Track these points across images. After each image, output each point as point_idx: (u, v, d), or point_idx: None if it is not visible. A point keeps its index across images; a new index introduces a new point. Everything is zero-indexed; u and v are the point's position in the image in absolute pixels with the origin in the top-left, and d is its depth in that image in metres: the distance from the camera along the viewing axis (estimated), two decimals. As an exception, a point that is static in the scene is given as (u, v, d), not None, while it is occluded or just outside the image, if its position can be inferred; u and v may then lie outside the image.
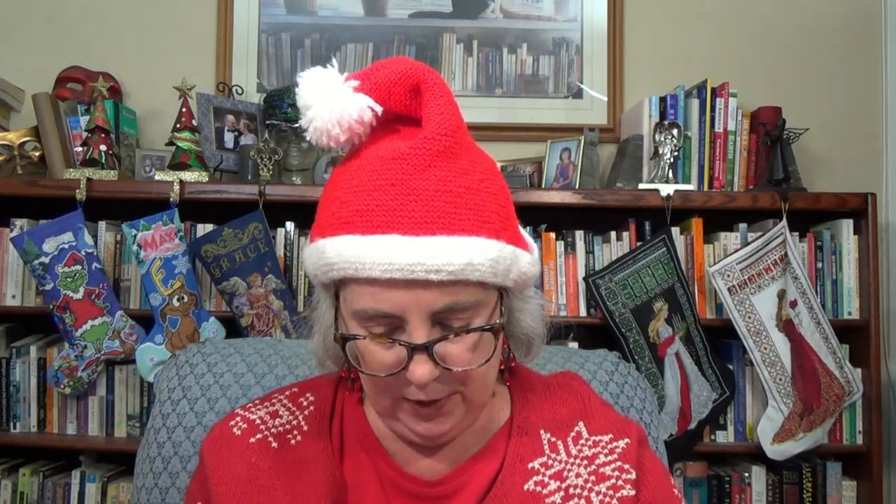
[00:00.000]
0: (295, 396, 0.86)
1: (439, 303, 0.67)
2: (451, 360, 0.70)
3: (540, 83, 2.37)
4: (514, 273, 0.71)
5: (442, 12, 2.37)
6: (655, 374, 1.92)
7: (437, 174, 0.68)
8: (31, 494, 1.96)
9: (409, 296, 0.67)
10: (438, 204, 0.67)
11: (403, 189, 0.67)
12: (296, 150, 2.18)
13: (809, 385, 1.96)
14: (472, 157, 0.72)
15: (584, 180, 2.12)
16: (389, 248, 0.66)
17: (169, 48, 2.34)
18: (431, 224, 0.67)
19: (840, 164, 2.35)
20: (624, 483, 0.76)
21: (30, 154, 2.08)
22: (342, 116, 0.70)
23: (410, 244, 0.66)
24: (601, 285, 1.90)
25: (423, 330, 0.68)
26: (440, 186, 0.68)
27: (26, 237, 1.85)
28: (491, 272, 0.68)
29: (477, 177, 0.70)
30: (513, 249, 0.71)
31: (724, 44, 2.38)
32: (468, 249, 0.67)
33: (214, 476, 0.78)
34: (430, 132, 0.69)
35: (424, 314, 0.68)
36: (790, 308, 1.96)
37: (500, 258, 0.69)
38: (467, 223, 0.68)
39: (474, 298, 0.69)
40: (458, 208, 0.68)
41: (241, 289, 1.91)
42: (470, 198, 0.69)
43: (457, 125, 0.70)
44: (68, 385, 1.92)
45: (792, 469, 2.01)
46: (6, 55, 2.32)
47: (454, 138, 0.69)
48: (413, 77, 0.71)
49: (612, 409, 0.87)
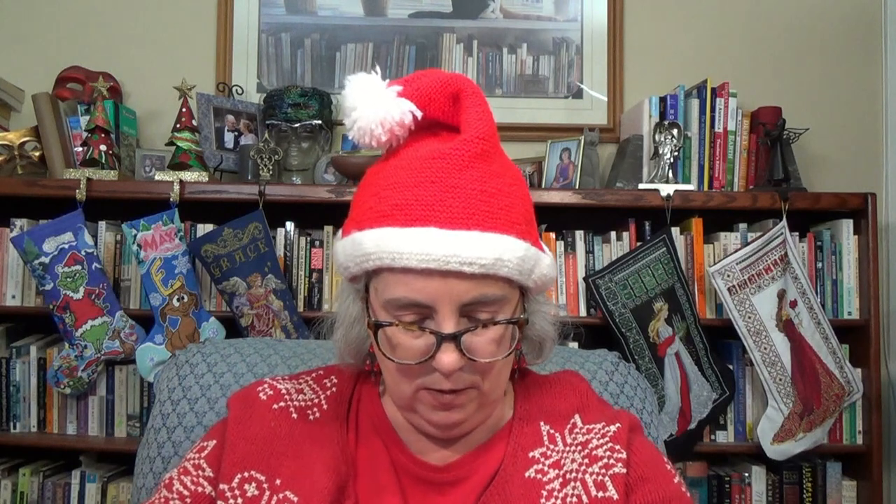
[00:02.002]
0: (320, 378, 0.90)
1: (469, 295, 0.72)
2: (476, 351, 0.74)
3: (540, 83, 2.37)
4: (536, 274, 0.76)
5: (442, 12, 2.37)
6: (655, 374, 1.92)
7: (474, 174, 0.73)
8: (31, 494, 1.96)
9: (442, 286, 0.71)
10: (474, 202, 0.72)
11: (442, 186, 0.72)
12: (296, 150, 2.18)
13: (809, 385, 1.96)
14: (504, 163, 0.78)
15: (584, 180, 2.12)
16: (427, 240, 0.70)
17: (169, 48, 2.34)
18: (468, 219, 0.71)
19: (840, 164, 2.35)
20: (615, 461, 0.80)
21: (30, 154, 2.08)
22: (385, 118, 0.75)
23: (447, 237, 0.70)
24: (601, 285, 1.90)
25: (453, 320, 0.72)
26: (477, 186, 0.73)
27: (26, 237, 1.85)
28: (517, 270, 0.73)
29: (508, 181, 0.76)
30: (536, 251, 0.76)
31: (724, 44, 2.38)
32: (499, 246, 0.72)
33: (234, 429, 0.82)
34: (469, 135, 0.74)
35: (455, 305, 0.72)
36: (790, 308, 1.96)
37: (526, 257, 0.74)
38: (499, 222, 0.73)
39: (501, 293, 0.73)
40: (491, 207, 0.73)
41: (241, 289, 1.91)
42: (502, 199, 0.74)
43: (492, 131, 0.76)
44: (68, 385, 1.92)
45: (792, 469, 2.01)
46: (6, 55, 2.33)
47: (490, 143, 0.75)
48: (453, 86, 0.76)
49: (609, 406, 0.90)
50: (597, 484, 0.79)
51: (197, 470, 0.82)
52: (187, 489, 0.81)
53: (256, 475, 0.79)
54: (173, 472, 0.83)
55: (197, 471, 0.82)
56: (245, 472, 0.79)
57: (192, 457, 0.84)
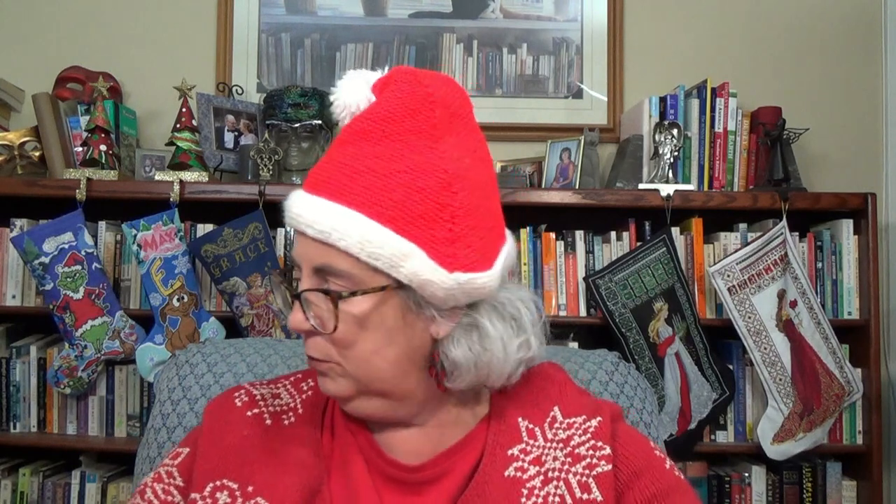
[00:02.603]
0: (298, 381, 0.91)
1: (317, 260, 0.75)
2: (319, 319, 0.76)
3: (540, 83, 2.37)
4: (406, 270, 0.73)
5: (442, 12, 2.37)
6: (655, 374, 1.92)
7: (349, 150, 0.76)
8: (31, 494, 1.96)
9: (302, 248, 0.77)
10: (334, 173, 0.75)
11: (325, 158, 0.78)
12: (296, 150, 2.18)
13: (809, 385, 1.96)
14: (398, 150, 0.74)
15: (584, 180, 2.12)
16: (293, 200, 0.77)
17: (169, 48, 2.34)
18: (321, 186, 0.75)
19: (840, 164, 2.35)
20: (598, 460, 0.79)
21: (30, 154, 2.08)
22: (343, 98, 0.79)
23: (303, 199, 0.76)
24: (601, 285, 1.90)
25: (307, 282, 0.76)
26: (346, 160, 0.75)
27: (26, 237, 1.85)
28: (359, 248, 0.73)
29: (396, 167, 0.74)
30: (407, 244, 0.73)
31: (724, 44, 2.38)
32: (339, 216, 0.73)
33: (207, 438, 0.83)
34: (359, 115, 0.77)
35: (309, 267, 0.76)
36: (790, 308, 1.96)
37: (379, 242, 0.72)
38: (351, 196, 0.73)
39: (348, 269, 0.74)
40: (350, 181, 0.74)
41: (241, 289, 1.91)
42: (369, 178, 0.74)
43: (386, 115, 0.75)
44: (68, 385, 1.92)
45: (792, 469, 2.01)
46: (6, 55, 2.33)
47: (379, 125, 0.75)
48: (385, 79, 0.78)
49: (589, 394, 0.89)
50: (581, 485, 0.78)
51: (169, 478, 0.83)
52: (157, 497, 0.82)
53: (228, 483, 0.79)
54: (149, 477, 0.84)
55: (168, 478, 0.83)
56: (217, 481, 0.79)
57: (167, 463, 0.85)
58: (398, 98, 0.75)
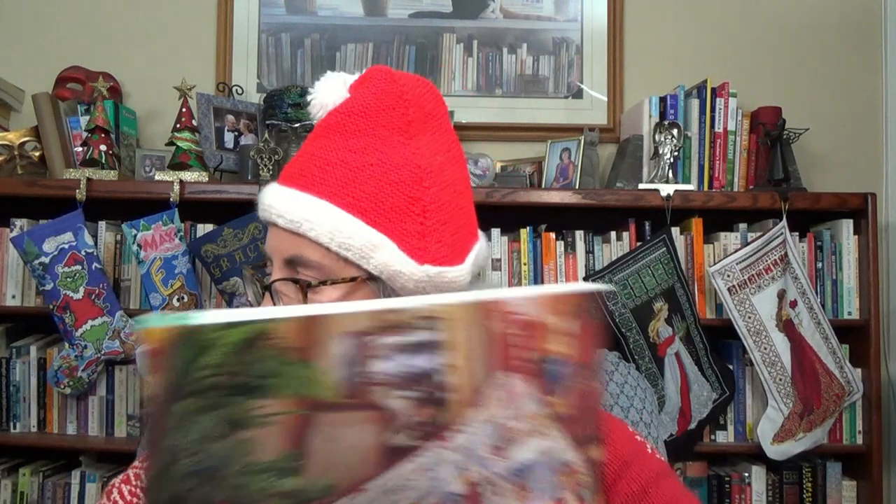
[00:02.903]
0: None
1: (289, 251, 0.75)
2: None
3: (540, 83, 2.37)
4: (377, 262, 0.73)
5: (442, 12, 2.37)
6: (655, 374, 1.92)
7: (322, 143, 0.77)
8: (31, 494, 1.96)
9: (273, 240, 0.77)
10: (307, 164, 0.76)
11: (300, 151, 0.79)
12: (296, 150, 2.17)
13: (809, 385, 1.96)
14: (382, 145, 0.76)
15: (584, 180, 2.12)
16: (267, 192, 0.78)
17: (169, 48, 2.34)
18: (292, 177, 0.77)
19: (840, 164, 2.35)
20: None
21: (30, 154, 2.08)
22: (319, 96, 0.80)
23: (276, 191, 0.77)
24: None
25: (278, 273, 0.76)
26: (318, 152, 0.76)
27: (26, 237, 1.85)
28: (329, 237, 0.73)
29: (369, 160, 0.75)
30: (377, 235, 0.73)
31: (724, 44, 2.38)
32: (311, 207, 0.74)
33: None
34: (335, 109, 0.78)
35: (280, 259, 0.76)
36: (790, 308, 1.96)
37: (349, 232, 0.73)
38: (323, 187, 0.74)
39: (318, 259, 0.74)
40: (322, 173, 0.75)
41: (241, 289, 1.91)
42: (342, 170, 0.75)
43: (361, 109, 0.76)
44: (68, 385, 1.92)
45: (792, 469, 2.01)
46: (6, 55, 2.32)
47: (352, 119, 0.76)
48: (361, 77, 0.79)
49: None
50: None
51: (136, 479, 0.83)
52: (123, 498, 0.81)
53: None
54: (118, 478, 0.84)
55: (136, 480, 0.83)
56: None
57: (137, 465, 0.85)
58: (373, 94, 0.77)
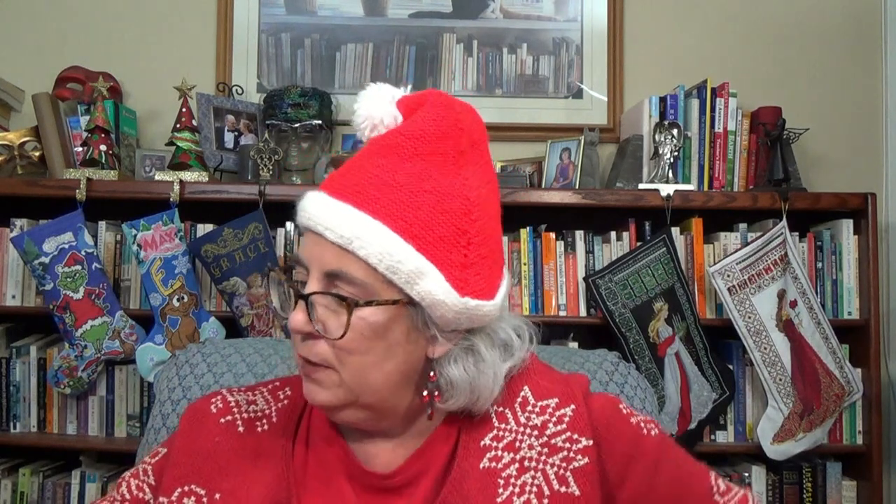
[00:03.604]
0: (275, 389, 0.91)
1: (332, 264, 0.74)
2: (325, 323, 0.75)
3: (540, 83, 2.37)
4: (421, 288, 0.74)
5: (442, 12, 2.37)
6: (655, 374, 1.92)
7: (379, 162, 0.76)
8: (31, 494, 1.96)
9: (315, 249, 0.75)
10: (362, 182, 0.75)
11: (351, 164, 0.78)
12: (296, 150, 2.18)
13: (809, 385, 1.96)
14: (428, 172, 0.76)
15: (584, 180, 2.12)
16: (315, 202, 0.76)
17: (169, 48, 2.34)
18: (347, 192, 0.75)
19: (840, 164, 2.35)
20: (576, 454, 0.79)
21: (30, 154, 2.08)
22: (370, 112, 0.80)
23: (325, 202, 0.75)
24: (601, 285, 1.90)
25: (314, 284, 0.75)
26: (375, 171, 0.75)
27: (26, 237, 1.85)
28: (378, 259, 0.73)
29: (423, 186, 0.75)
30: (427, 263, 0.74)
31: (724, 44, 2.38)
32: (364, 225, 0.73)
33: (179, 443, 0.84)
34: (394, 129, 0.78)
35: (320, 270, 0.75)
36: (790, 308, 1.96)
37: (399, 257, 0.73)
38: (377, 206, 0.74)
39: (363, 278, 0.74)
40: (378, 192, 0.74)
41: (241, 289, 1.91)
42: (397, 192, 0.74)
43: (421, 134, 0.76)
44: (68, 385, 1.92)
45: (792, 469, 2.01)
46: (6, 55, 2.32)
47: (411, 142, 0.76)
48: (422, 98, 0.79)
49: (555, 370, 0.88)
50: (559, 477, 0.78)
51: (144, 475, 0.85)
52: (131, 493, 0.84)
53: (196, 489, 0.80)
54: (129, 472, 0.87)
55: (143, 475, 0.85)
56: (185, 486, 0.80)
57: (146, 460, 0.87)
58: (432, 120, 0.77)
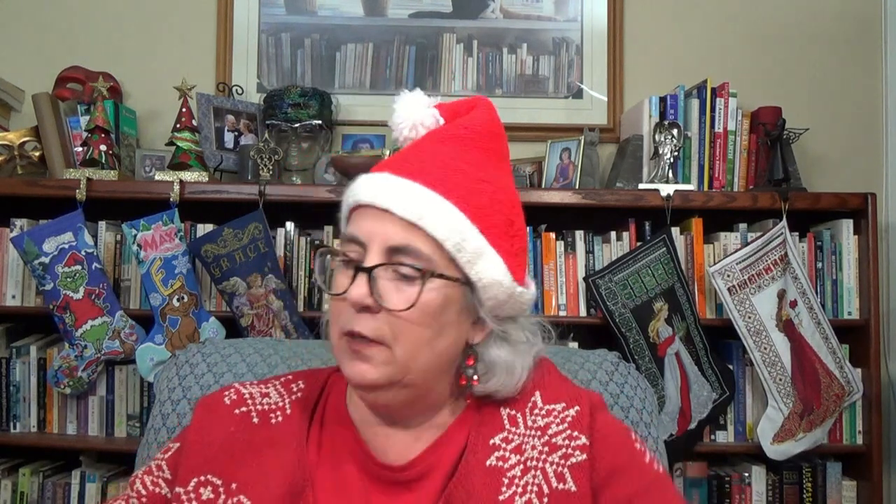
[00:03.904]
0: (288, 383, 0.91)
1: (397, 238, 0.75)
2: (386, 296, 0.75)
3: (540, 83, 2.37)
4: (480, 269, 0.77)
5: (442, 12, 2.37)
6: (655, 374, 1.92)
7: (443, 149, 0.80)
8: (31, 494, 1.96)
9: (377, 226, 0.76)
10: (431, 164, 0.78)
11: (414, 149, 0.81)
12: (296, 150, 2.18)
13: (809, 385, 1.96)
14: (487, 165, 0.81)
15: (584, 180, 2.12)
16: (377, 180, 0.78)
17: (169, 48, 2.34)
18: (415, 172, 0.78)
19: (840, 164, 2.35)
20: (573, 450, 0.80)
21: (30, 154, 2.08)
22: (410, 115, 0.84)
23: (392, 180, 0.78)
24: (601, 285, 1.90)
25: (376, 258, 0.76)
26: (441, 156, 0.79)
27: (26, 237, 1.85)
28: (446, 234, 0.75)
29: (482, 175, 0.80)
30: (487, 245, 0.78)
31: (724, 44, 2.38)
32: (436, 203, 0.76)
33: (194, 434, 0.84)
34: (456, 122, 0.82)
35: (382, 245, 0.76)
36: (790, 308, 1.96)
37: (465, 235, 0.76)
38: (446, 188, 0.77)
39: (429, 253, 0.75)
40: (447, 174, 0.78)
41: (241, 289, 1.91)
42: (462, 178, 0.78)
43: (482, 131, 0.81)
44: (68, 385, 1.92)
45: (792, 469, 2.01)
46: (6, 55, 2.33)
47: (472, 134, 0.81)
48: (474, 101, 0.85)
49: (570, 382, 0.90)
50: (557, 475, 0.79)
51: (158, 471, 0.85)
52: (146, 489, 0.84)
53: (213, 479, 0.81)
54: (140, 470, 0.87)
55: (158, 471, 0.85)
56: (202, 476, 0.81)
57: (159, 456, 0.87)
58: (488, 120, 0.83)
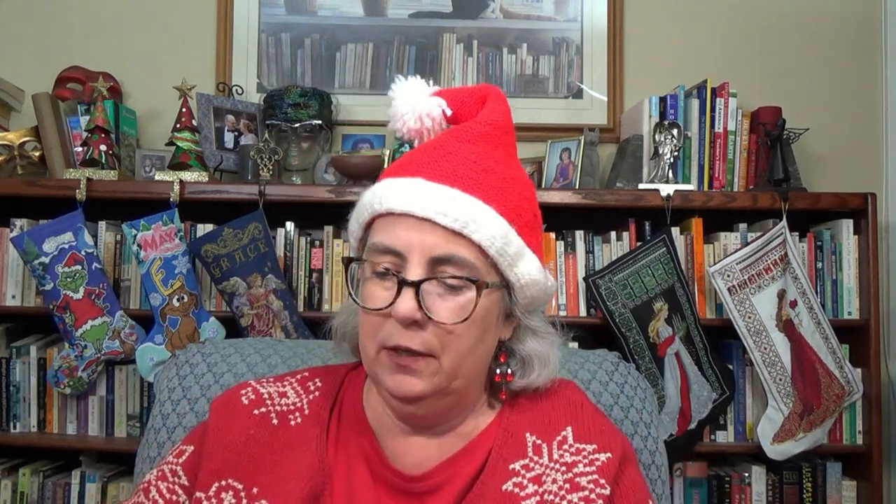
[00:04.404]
0: (304, 380, 0.90)
1: (440, 249, 0.73)
2: (434, 309, 0.73)
3: (540, 83, 2.37)
4: (520, 269, 0.77)
5: (442, 12, 2.37)
6: (655, 374, 1.92)
7: (473, 148, 0.77)
8: (31, 494, 1.96)
9: (416, 236, 0.73)
10: (463, 167, 0.76)
11: (442, 150, 0.77)
12: (296, 150, 2.18)
13: (809, 385, 1.96)
14: (511, 160, 0.81)
15: (584, 180, 2.12)
16: (412, 188, 0.74)
17: (169, 48, 2.34)
18: (453, 178, 0.75)
19: (840, 164, 2.35)
20: (597, 497, 0.77)
21: (30, 154, 2.08)
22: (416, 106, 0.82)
23: (430, 187, 0.74)
24: (601, 285, 1.90)
25: (419, 270, 0.73)
26: (472, 157, 0.77)
27: (26, 237, 1.85)
28: (490, 241, 0.74)
29: (510, 174, 0.79)
30: (524, 245, 0.77)
31: (724, 44, 2.38)
32: (478, 209, 0.74)
33: (213, 437, 0.82)
34: (478, 119, 0.80)
35: (425, 256, 0.73)
36: (790, 308, 1.96)
37: (507, 238, 0.75)
38: (485, 192, 0.75)
39: (473, 260, 0.74)
40: (481, 177, 0.76)
41: (241, 289, 1.91)
42: (495, 179, 0.77)
43: (504, 124, 0.80)
44: (68, 385, 1.92)
45: (792, 469, 2.01)
46: (6, 55, 2.33)
47: (498, 130, 0.79)
48: (483, 91, 0.83)
49: (606, 418, 0.87)
50: None
51: (173, 476, 0.82)
52: (163, 497, 0.81)
53: (234, 483, 0.79)
54: (151, 475, 0.83)
55: (173, 477, 0.82)
56: (223, 481, 0.79)
57: (171, 461, 0.84)
58: (504, 113, 0.81)
